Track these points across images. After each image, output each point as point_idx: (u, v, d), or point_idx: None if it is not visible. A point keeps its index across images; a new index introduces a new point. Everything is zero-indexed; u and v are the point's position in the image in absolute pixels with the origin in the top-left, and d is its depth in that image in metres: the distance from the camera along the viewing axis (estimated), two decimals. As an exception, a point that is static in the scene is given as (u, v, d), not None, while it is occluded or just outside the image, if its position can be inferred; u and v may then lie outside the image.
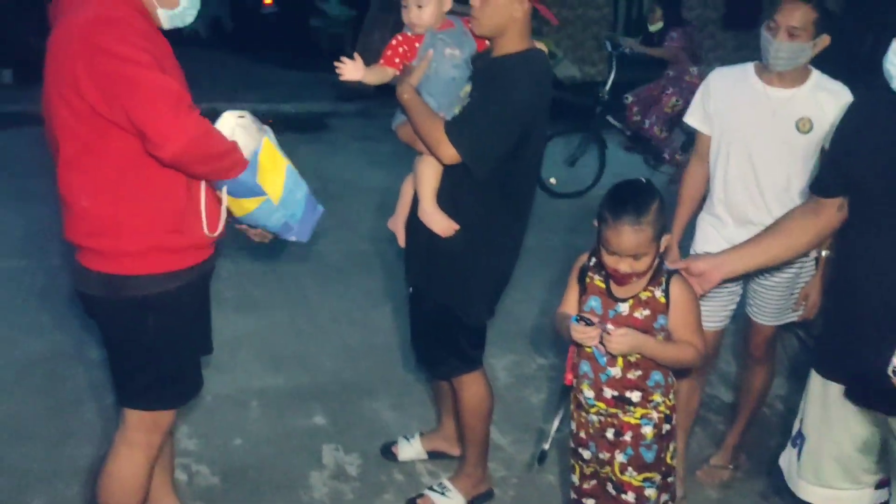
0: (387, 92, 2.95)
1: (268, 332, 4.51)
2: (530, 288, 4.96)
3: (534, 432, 3.73)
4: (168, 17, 2.40)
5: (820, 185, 2.34)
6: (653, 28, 7.84)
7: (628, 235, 2.25)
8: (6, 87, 9.54)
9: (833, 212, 2.28)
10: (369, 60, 2.81)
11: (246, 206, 2.38)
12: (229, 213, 2.44)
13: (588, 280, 2.46)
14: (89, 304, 2.49)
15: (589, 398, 2.46)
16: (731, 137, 3.05)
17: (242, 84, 10.37)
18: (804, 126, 2.95)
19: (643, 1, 11.51)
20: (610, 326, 2.31)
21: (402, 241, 3.02)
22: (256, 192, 2.35)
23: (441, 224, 2.76)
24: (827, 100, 2.94)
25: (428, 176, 2.76)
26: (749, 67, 3.07)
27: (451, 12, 2.80)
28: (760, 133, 2.99)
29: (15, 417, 3.65)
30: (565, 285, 2.53)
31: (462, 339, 2.97)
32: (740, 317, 3.35)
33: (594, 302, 2.43)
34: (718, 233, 3.15)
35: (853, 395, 2.17)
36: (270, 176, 2.37)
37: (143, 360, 2.50)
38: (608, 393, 2.42)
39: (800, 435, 2.37)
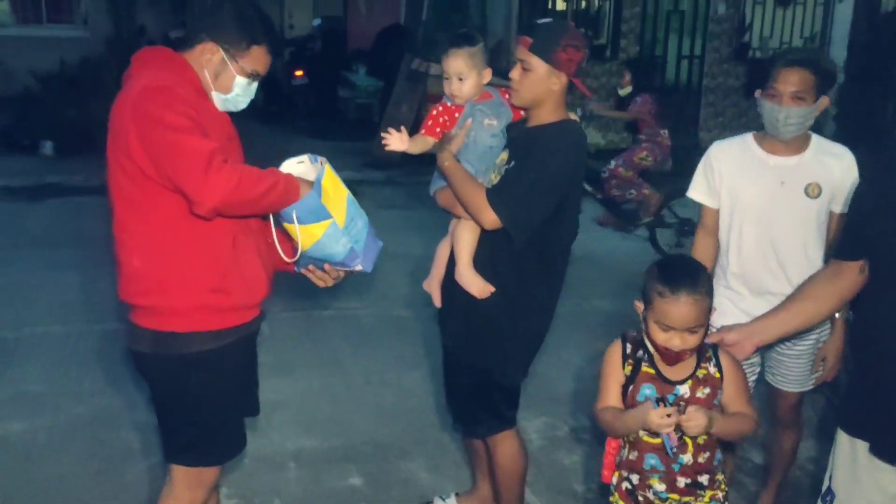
0: (413, 161, 3.08)
1: (303, 395, 4.59)
2: (561, 352, 5.01)
3: (568, 495, 3.75)
4: (221, 101, 2.55)
5: (841, 249, 2.38)
6: (622, 92, 8.09)
7: (688, 307, 2.22)
8: (47, 159, 9.83)
9: (855, 275, 2.32)
10: (397, 130, 2.93)
11: (314, 233, 2.44)
12: (296, 251, 2.51)
13: (629, 366, 2.38)
14: (139, 362, 2.60)
15: (661, 492, 2.38)
16: (744, 211, 3.02)
17: (274, 153, 10.59)
18: (813, 191, 2.95)
19: (666, 69, 11.73)
20: (692, 407, 2.23)
21: (437, 302, 3.09)
22: (322, 215, 2.42)
23: (478, 286, 2.84)
24: (832, 163, 2.96)
25: (465, 239, 2.85)
26: (748, 138, 3.06)
27: (489, 84, 2.93)
28: (772, 204, 2.98)
29: (61, 480, 3.73)
30: (596, 350, 2.58)
31: (497, 399, 3.03)
32: (766, 380, 3.36)
33: (647, 390, 2.34)
34: (736, 305, 3.09)
35: (880, 451, 2.21)
36: (334, 201, 2.46)
37: (187, 416, 2.59)
38: (682, 482, 2.36)
39: (829, 491, 2.39)
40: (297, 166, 2.49)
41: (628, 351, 2.40)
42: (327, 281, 2.68)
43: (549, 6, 11.31)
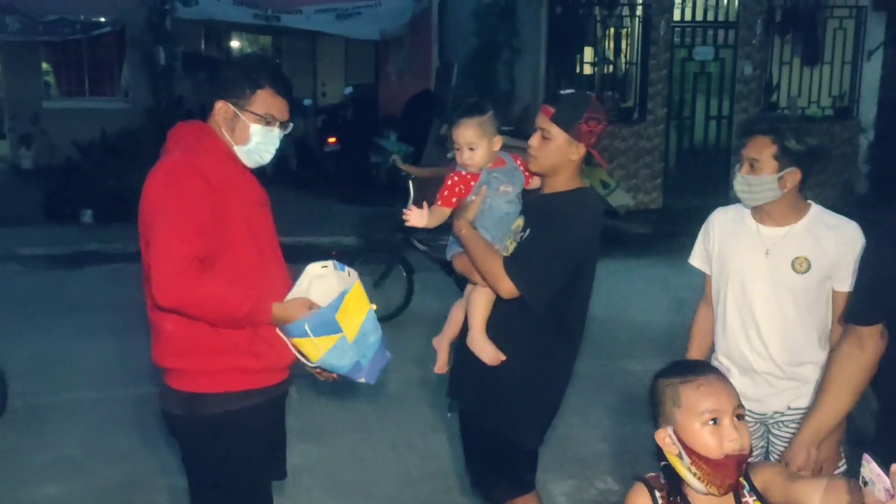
0: (445, 223, 3.11)
1: (330, 459, 4.61)
2: (588, 413, 4.99)
3: (595, 559, 3.71)
4: (246, 154, 2.64)
5: (857, 315, 2.37)
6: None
7: (724, 383, 1.95)
8: (87, 227, 10.08)
9: (877, 339, 2.31)
10: (426, 194, 2.99)
11: (322, 346, 2.52)
12: (304, 357, 2.60)
13: None
14: (171, 424, 2.68)
15: None
16: (728, 279, 2.91)
17: (306, 218, 10.79)
18: (801, 266, 2.78)
19: (694, 130, 11.80)
20: None
21: (441, 363, 3.12)
22: (333, 329, 2.51)
23: (489, 353, 2.84)
24: (826, 236, 2.78)
25: (480, 305, 2.88)
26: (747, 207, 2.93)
27: (501, 149, 2.96)
28: (755, 274, 2.84)
29: (90, 544, 3.78)
30: (622, 412, 2.52)
31: (515, 463, 3.01)
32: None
33: None
34: None
35: None
36: (351, 317, 2.54)
37: (216, 478, 2.65)
38: None
39: None
40: (320, 270, 2.60)
41: (658, 499, 1.98)
42: (331, 377, 2.75)
43: (577, 70, 11.47)
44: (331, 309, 2.50)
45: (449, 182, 2.95)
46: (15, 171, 14.33)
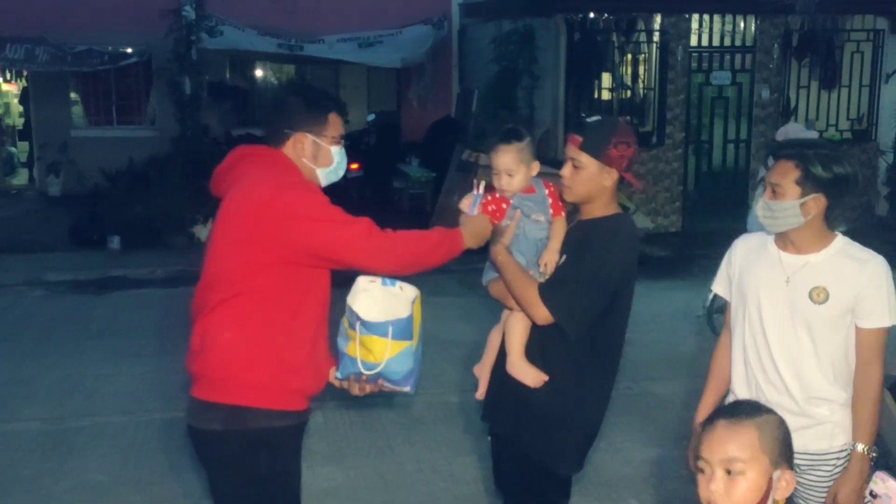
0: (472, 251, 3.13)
1: (356, 483, 4.64)
2: (612, 436, 4.99)
3: (619, 583, 3.71)
4: (325, 175, 2.81)
5: None
6: None
7: (724, 431, 1.87)
8: (114, 254, 10.22)
9: None
10: (448, 219, 3.02)
11: (392, 350, 2.64)
12: (360, 361, 2.67)
13: None
14: (206, 441, 2.66)
15: None
16: (745, 305, 2.84)
17: (328, 244, 10.86)
18: (818, 296, 2.68)
19: (713, 154, 11.82)
20: None
21: (482, 390, 3.10)
22: (408, 335, 2.66)
23: (531, 376, 2.83)
24: (849, 267, 2.68)
25: (517, 331, 2.86)
26: (771, 233, 2.83)
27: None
28: (773, 301, 2.76)
29: (118, 566, 3.82)
30: (645, 435, 2.48)
31: (548, 489, 2.96)
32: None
33: None
34: None
35: None
36: (416, 326, 2.69)
37: (251, 498, 2.66)
38: None
39: None
40: (367, 284, 2.67)
41: None
42: (364, 391, 2.77)
43: (596, 96, 11.55)
44: (410, 317, 2.63)
45: (482, 202, 2.93)
46: (43, 198, 14.55)
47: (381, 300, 2.67)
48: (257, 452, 2.63)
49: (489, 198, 2.93)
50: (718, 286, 3.02)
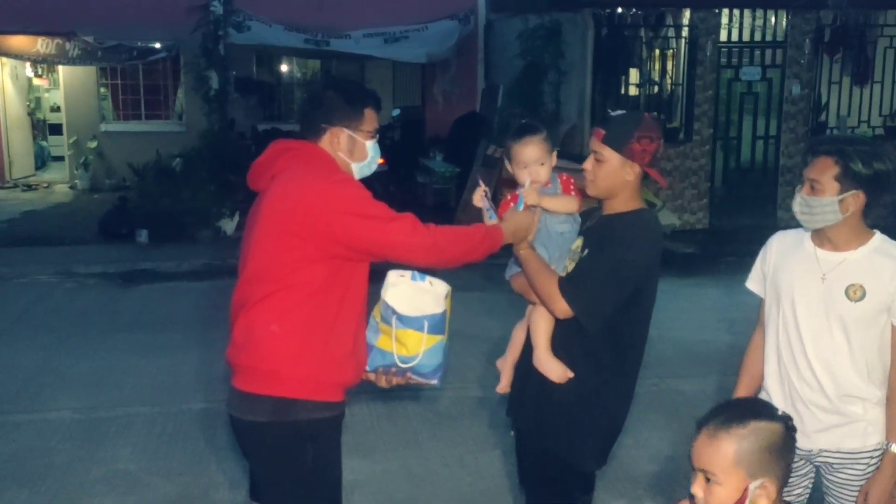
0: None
1: (382, 476, 4.66)
2: (638, 433, 4.98)
3: (646, 579, 3.71)
4: (359, 169, 2.83)
5: None
6: None
7: (703, 441, 1.96)
8: (142, 247, 10.32)
9: None
10: (472, 214, 3.04)
11: (427, 344, 2.71)
12: (394, 354, 2.73)
13: None
14: (252, 433, 2.70)
15: None
16: (780, 302, 2.82)
17: (354, 239, 10.90)
18: (855, 294, 2.66)
19: (741, 150, 11.72)
20: None
21: (506, 384, 3.09)
22: (441, 330, 2.73)
23: (557, 371, 2.82)
24: (886, 265, 2.66)
25: (542, 326, 2.85)
26: (808, 230, 2.81)
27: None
28: (808, 298, 2.74)
29: (148, 555, 3.87)
30: (671, 432, 2.47)
31: (571, 485, 2.95)
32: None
33: None
34: None
35: None
36: (447, 321, 2.76)
37: (299, 490, 2.70)
38: None
39: None
40: (397, 279, 2.73)
41: None
42: (390, 384, 2.83)
43: (623, 91, 11.49)
44: (444, 312, 2.70)
45: (504, 201, 2.96)
46: (72, 191, 14.74)
47: (409, 295, 2.72)
48: (303, 444, 2.66)
49: (509, 196, 2.93)
50: (752, 283, 2.99)
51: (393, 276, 2.73)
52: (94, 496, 4.40)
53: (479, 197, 2.93)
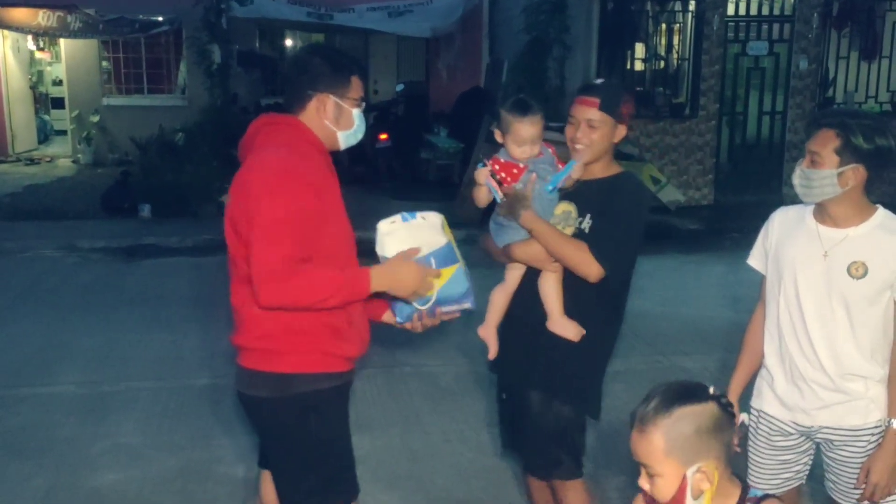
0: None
1: (383, 452, 4.67)
2: (640, 409, 4.98)
3: (647, 555, 3.71)
4: (345, 138, 2.77)
5: None
6: None
7: (637, 438, 1.96)
8: (144, 222, 10.32)
9: None
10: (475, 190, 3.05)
11: (444, 276, 2.73)
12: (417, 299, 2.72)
13: None
14: (258, 408, 2.75)
15: None
16: (782, 279, 2.79)
17: (358, 213, 10.84)
18: (857, 271, 2.63)
19: (747, 125, 11.65)
20: None
21: (493, 351, 3.15)
22: (453, 259, 2.75)
23: (573, 331, 2.95)
24: (888, 242, 2.63)
25: (554, 290, 2.96)
26: (810, 206, 2.78)
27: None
28: (810, 276, 2.71)
29: (151, 529, 3.89)
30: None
31: (578, 441, 3.12)
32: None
33: None
34: (771, 389, 2.86)
35: None
36: (456, 247, 2.78)
37: (307, 459, 2.72)
38: None
39: None
40: (389, 227, 2.73)
41: None
42: (426, 327, 2.84)
43: (628, 66, 11.40)
44: (448, 243, 2.71)
45: (495, 167, 2.97)
46: (75, 165, 14.71)
47: (408, 237, 2.72)
48: (306, 416, 2.68)
49: (497, 165, 2.97)
50: (754, 259, 2.97)
51: (384, 226, 2.73)
52: (97, 470, 4.42)
53: (485, 175, 2.93)
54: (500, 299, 3.13)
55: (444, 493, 4.24)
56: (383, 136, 13.33)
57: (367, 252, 2.79)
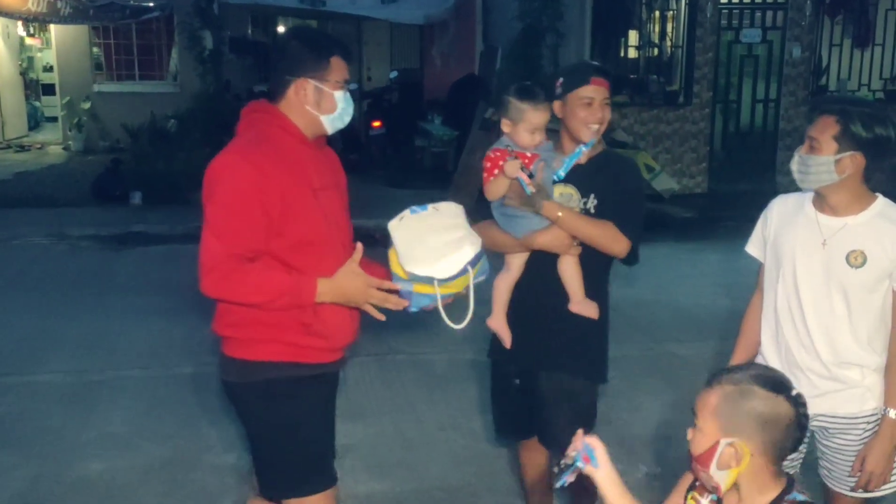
0: (488, 206, 3.11)
1: (375, 439, 4.64)
2: (633, 397, 4.96)
3: (639, 543, 3.69)
4: (330, 122, 2.67)
5: None
6: None
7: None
8: (135, 209, 10.25)
9: None
10: (470, 177, 3.06)
11: (474, 273, 2.68)
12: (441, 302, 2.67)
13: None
14: (228, 391, 2.77)
15: None
16: (780, 267, 2.78)
17: (351, 201, 10.82)
18: (855, 260, 2.61)
19: (741, 113, 11.62)
20: None
21: (508, 339, 3.14)
22: (481, 256, 2.69)
23: (594, 310, 3.05)
24: (888, 231, 2.61)
25: (575, 271, 3.02)
26: (809, 194, 2.77)
27: None
28: (808, 264, 2.70)
29: (139, 518, 3.85)
30: (666, 396, 2.49)
31: (592, 409, 3.22)
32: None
33: None
34: None
35: None
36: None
37: (271, 445, 2.72)
38: None
39: None
40: (396, 223, 2.65)
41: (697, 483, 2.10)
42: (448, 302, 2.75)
43: (622, 54, 11.36)
44: (481, 250, 2.66)
45: (493, 156, 2.96)
46: (66, 152, 14.62)
47: (416, 226, 2.62)
48: (272, 403, 2.67)
49: (497, 153, 2.96)
50: (752, 247, 2.95)
51: (392, 224, 2.62)
52: (85, 459, 4.38)
53: (517, 169, 2.90)
54: (504, 288, 3.13)
55: (438, 481, 4.22)
56: (377, 124, 13.28)
57: (361, 238, 2.74)
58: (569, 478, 2.13)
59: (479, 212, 3.10)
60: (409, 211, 2.65)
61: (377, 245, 2.77)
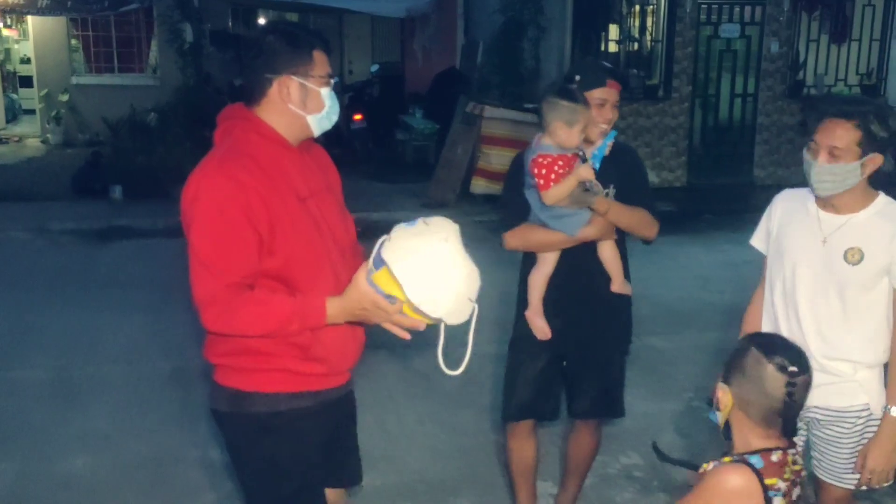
0: (469, 201, 3.18)
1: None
2: (612, 390, 5.01)
3: (618, 534, 3.75)
4: (317, 122, 2.45)
5: None
6: None
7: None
8: (116, 203, 10.19)
9: None
10: (451, 171, 3.11)
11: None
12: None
13: None
14: (218, 421, 2.58)
15: None
16: (781, 262, 2.81)
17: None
18: (853, 257, 2.63)
19: (719, 108, 11.69)
20: None
21: (546, 332, 3.31)
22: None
23: (629, 289, 3.39)
24: (885, 228, 2.62)
25: (618, 255, 3.30)
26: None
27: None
28: (808, 260, 2.72)
29: (123, 513, 3.87)
30: (646, 388, 2.56)
31: (622, 363, 3.56)
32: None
33: None
34: None
35: None
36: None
37: (261, 479, 2.53)
38: None
39: None
40: (391, 235, 2.34)
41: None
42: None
43: (602, 48, 11.41)
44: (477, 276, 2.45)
45: (547, 163, 3.04)
46: (44, 146, 14.50)
47: (404, 239, 2.29)
48: (260, 436, 2.47)
49: (548, 159, 3.07)
50: (756, 240, 3.00)
51: (380, 241, 2.30)
52: (67, 455, 4.38)
53: (590, 172, 3.04)
54: (540, 282, 3.29)
55: (419, 475, 4.26)
56: (358, 117, 13.26)
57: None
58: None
59: (511, 218, 3.26)
60: (404, 225, 2.35)
61: (360, 238, 2.72)
